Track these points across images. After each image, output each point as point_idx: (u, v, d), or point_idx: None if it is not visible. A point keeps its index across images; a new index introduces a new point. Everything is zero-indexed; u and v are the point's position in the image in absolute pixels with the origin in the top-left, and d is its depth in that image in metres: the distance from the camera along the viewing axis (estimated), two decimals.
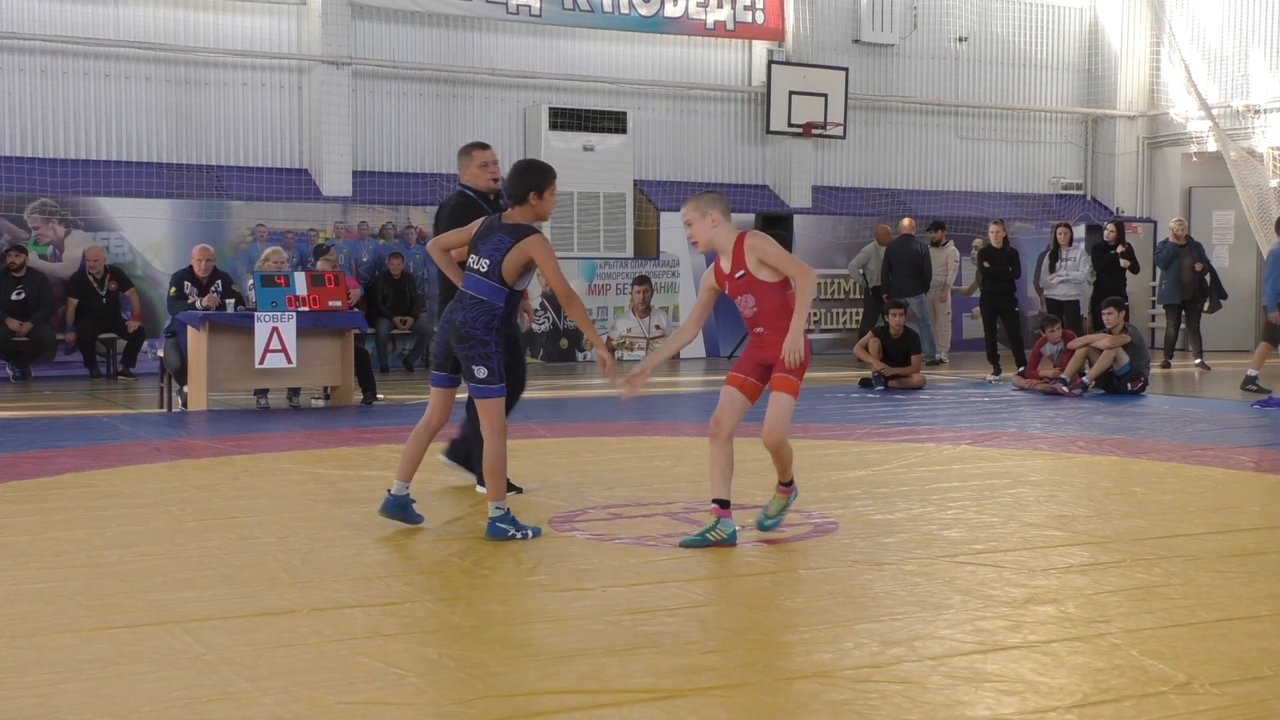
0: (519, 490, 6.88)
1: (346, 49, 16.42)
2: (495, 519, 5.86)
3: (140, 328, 14.58)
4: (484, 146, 7.10)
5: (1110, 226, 16.43)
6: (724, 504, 5.78)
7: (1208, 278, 16.76)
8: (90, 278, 14.34)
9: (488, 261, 5.86)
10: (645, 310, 17.38)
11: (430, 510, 6.28)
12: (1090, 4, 21.45)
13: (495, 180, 7.02)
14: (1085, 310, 16.00)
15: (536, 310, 16.75)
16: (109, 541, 5.83)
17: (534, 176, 5.96)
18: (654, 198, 18.05)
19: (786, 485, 6.03)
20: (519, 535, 5.83)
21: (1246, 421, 10.65)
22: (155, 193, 15.34)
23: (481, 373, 5.83)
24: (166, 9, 15.93)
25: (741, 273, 5.77)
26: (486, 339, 5.82)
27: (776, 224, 17.80)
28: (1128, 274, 16.18)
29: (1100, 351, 12.82)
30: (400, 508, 6.08)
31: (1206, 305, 16.83)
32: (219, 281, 11.97)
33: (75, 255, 14.59)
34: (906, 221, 17.45)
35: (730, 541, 5.74)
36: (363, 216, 16.13)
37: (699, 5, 18.24)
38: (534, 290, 16.70)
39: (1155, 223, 20.70)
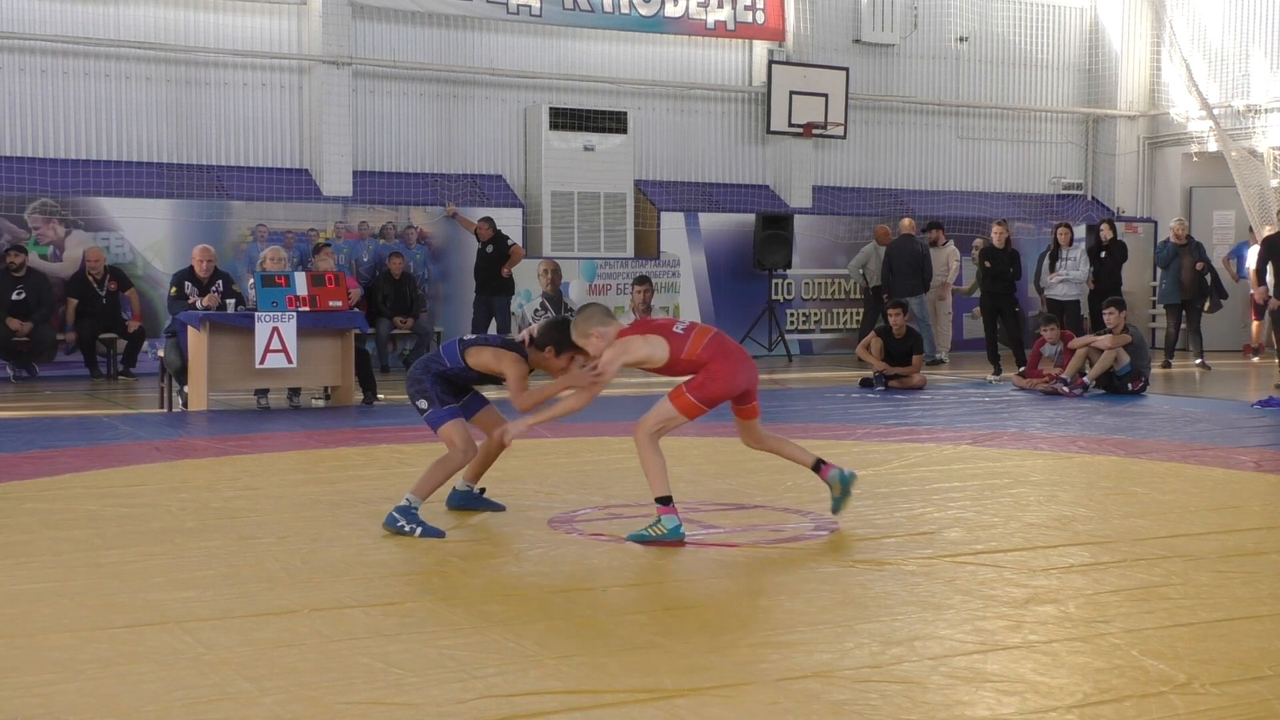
0: None
1: (347, 49, 16.42)
2: (400, 508, 6.04)
3: (140, 328, 14.57)
4: None
5: (1104, 226, 16.50)
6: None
7: (1208, 278, 16.78)
8: (90, 278, 14.33)
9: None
10: (646, 310, 17.35)
11: (430, 512, 6.27)
12: (1091, 4, 21.43)
13: None
14: (1085, 310, 16.01)
15: (536, 310, 16.75)
16: (109, 541, 5.83)
17: None
18: (654, 198, 18.05)
19: (659, 501, 5.81)
20: (409, 530, 5.96)
21: (1246, 421, 10.64)
22: (155, 193, 15.33)
23: (423, 404, 6.25)
24: (166, 9, 15.92)
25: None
26: (421, 379, 6.29)
27: (776, 224, 17.79)
28: (1123, 266, 16.27)
29: (1101, 351, 12.82)
30: (466, 500, 6.55)
31: (1207, 305, 16.85)
32: (219, 281, 11.98)
33: (75, 255, 14.58)
34: (906, 221, 17.44)
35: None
36: (363, 216, 16.12)
37: (699, 5, 18.23)
38: (535, 290, 16.71)
39: (1156, 223, 20.69)
